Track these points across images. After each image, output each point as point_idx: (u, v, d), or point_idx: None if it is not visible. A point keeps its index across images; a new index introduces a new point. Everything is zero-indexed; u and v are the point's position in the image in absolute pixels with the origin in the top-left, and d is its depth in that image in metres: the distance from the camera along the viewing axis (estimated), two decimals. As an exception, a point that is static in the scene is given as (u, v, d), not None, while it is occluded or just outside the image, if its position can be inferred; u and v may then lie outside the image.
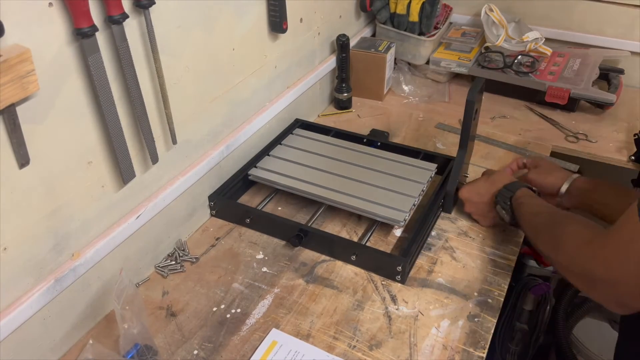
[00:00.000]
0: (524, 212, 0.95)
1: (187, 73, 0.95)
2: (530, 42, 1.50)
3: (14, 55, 0.61)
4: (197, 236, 1.07)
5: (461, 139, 1.07)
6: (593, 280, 0.73)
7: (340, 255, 0.99)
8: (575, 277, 0.78)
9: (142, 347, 0.79)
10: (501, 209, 1.00)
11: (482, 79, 1.05)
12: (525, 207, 0.95)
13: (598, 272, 0.71)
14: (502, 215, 1.00)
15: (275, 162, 1.17)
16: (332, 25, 1.41)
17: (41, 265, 0.77)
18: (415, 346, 0.84)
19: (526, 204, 0.95)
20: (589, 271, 0.73)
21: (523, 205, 0.95)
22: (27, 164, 0.70)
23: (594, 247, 0.73)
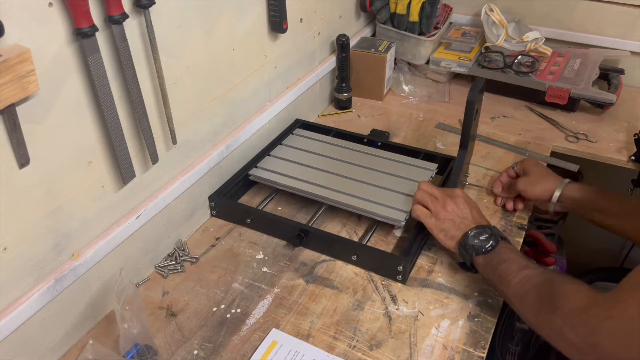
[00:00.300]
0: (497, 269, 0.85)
1: (187, 73, 0.95)
2: (530, 42, 1.50)
3: (14, 55, 0.61)
4: (197, 236, 1.07)
5: (462, 138, 1.07)
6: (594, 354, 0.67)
7: (341, 255, 0.99)
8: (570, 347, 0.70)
9: (142, 347, 0.79)
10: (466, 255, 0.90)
11: (482, 79, 1.05)
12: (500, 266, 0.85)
13: (603, 347, 0.65)
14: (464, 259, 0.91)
15: (276, 162, 1.17)
16: (332, 25, 1.41)
17: (41, 265, 0.77)
18: (415, 346, 0.84)
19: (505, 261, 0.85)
20: (592, 344, 0.67)
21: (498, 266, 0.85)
22: (27, 164, 0.70)
23: (597, 316, 0.67)
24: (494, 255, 0.87)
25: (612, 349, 0.65)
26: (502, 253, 0.86)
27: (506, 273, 0.82)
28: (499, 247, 0.87)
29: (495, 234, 0.89)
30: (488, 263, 0.87)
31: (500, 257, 0.85)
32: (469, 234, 0.90)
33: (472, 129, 1.07)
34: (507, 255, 0.85)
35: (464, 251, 0.90)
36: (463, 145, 1.08)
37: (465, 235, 0.90)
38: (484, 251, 0.87)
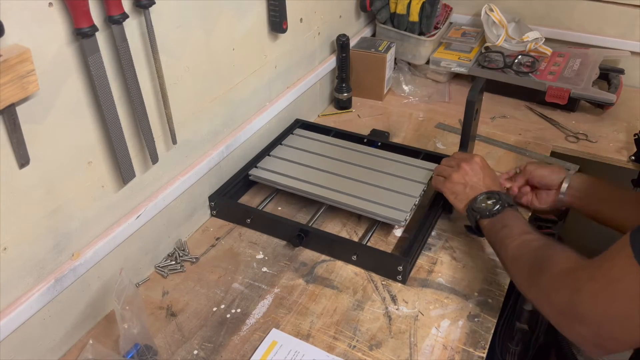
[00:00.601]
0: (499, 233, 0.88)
1: (187, 73, 0.95)
2: (530, 42, 1.50)
3: (14, 55, 0.61)
4: (197, 236, 1.07)
5: (462, 138, 1.07)
6: (574, 315, 0.67)
7: (341, 255, 0.99)
8: (553, 308, 0.71)
9: (142, 347, 0.79)
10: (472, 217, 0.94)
11: (483, 79, 1.05)
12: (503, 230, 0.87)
13: (583, 307, 0.66)
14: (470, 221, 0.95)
15: (276, 162, 1.17)
16: (332, 25, 1.41)
17: (41, 265, 0.77)
18: (415, 346, 0.84)
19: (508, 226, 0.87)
20: (572, 304, 0.67)
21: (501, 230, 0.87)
22: (27, 164, 0.70)
23: (580, 277, 0.68)
24: (498, 219, 0.89)
25: (591, 310, 0.65)
26: (506, 218, 0.89)
27: (506, 236, 0.85)
28: (504, 212, 0.89)
29: (503, 200, 0.91)
30: (492, 227, 0.89)
31: (504, 222, 0.88)
32: (478, 197, 0.93)
33: (472, 129, 1.07)
34: (510, 220, 0.88)
35: (471, 214, 0.94)
36: (463, 145, 1.08)
37: (474, 198, 0.93)
38: (488, 214, 0.90)
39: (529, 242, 0.82)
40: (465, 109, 1.02)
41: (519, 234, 0.84)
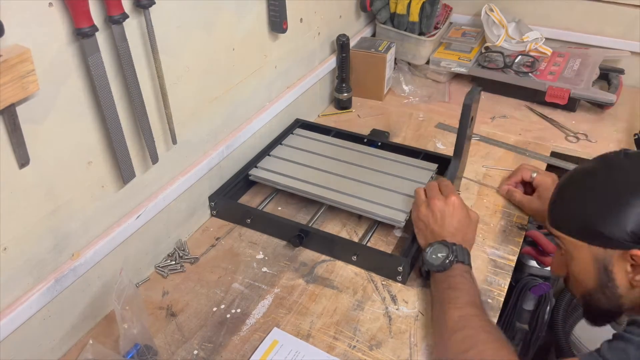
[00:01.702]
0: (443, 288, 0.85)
1: (187, 73, 0.95)
2: (530, 42, 1.50)
3: (14, 55, 0.61)
4: (197, 236, 1.07)
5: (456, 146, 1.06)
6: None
7: (341, 255, 0.99)
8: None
9: (142, 347, 0.79)
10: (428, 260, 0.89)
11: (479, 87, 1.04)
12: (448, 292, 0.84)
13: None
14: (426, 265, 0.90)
15: (276, 162, 1.17)
16: (332, 25, 1.41)
17: (41, 265, 0.77)
18: (416, 346, 0.84)
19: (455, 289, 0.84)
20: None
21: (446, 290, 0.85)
22: (27, 164, 0.70)
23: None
24: (445, 276, 0.86)
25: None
26: (455, 278, 0.85)
27: (450, 300, 0.82)
28: (453, 269, 0.86)
29: (454, 255, 0.87)
30: (439, 283, 0.86)
31: (451, 283, 0.85)
32: (430, 247, 0.90)
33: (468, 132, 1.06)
34: (459, 283, 0.84)
35: (422, 262, 0.92)
36: (457, 154, 1.07)
37: (428, 246, 0.91)
38: (434, 269, 0.88)
39: (473, 320, 0.79)
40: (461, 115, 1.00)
41: (464, 304, 0.81)
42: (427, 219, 0.94)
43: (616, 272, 0.76)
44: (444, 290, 0.85)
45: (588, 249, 0.77)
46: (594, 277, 0.78)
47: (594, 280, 0.78)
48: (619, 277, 0.76)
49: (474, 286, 0.86)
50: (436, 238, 0.91)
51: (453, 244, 0.89)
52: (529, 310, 1.39)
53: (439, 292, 0.86)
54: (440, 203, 0.94)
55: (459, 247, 0.89)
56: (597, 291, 0.79)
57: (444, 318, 0.81)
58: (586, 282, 0.80)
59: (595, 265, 0.77)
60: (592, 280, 0.79)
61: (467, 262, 0.89)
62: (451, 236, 0.91)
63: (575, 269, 0.81)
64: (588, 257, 0.78)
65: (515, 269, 1.02)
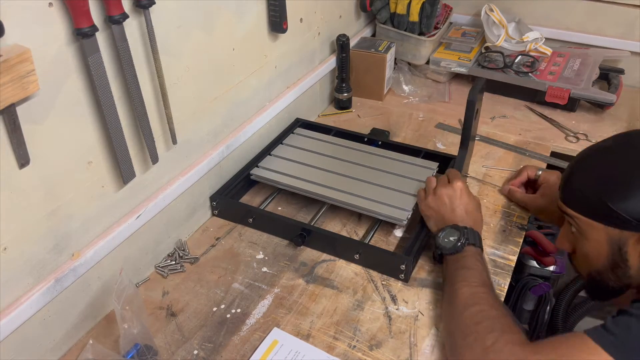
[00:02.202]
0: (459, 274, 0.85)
1: (187, 73, 0.95)
2: (530, 42, 1.50)
3: (14, 55, 0.61)
4: (197, 236, 1.07)
5: (462, 138, 1.07)
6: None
7: (344, 254, 1.00)
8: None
9: (142, 347, 0.79)
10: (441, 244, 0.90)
11: (483, 79, 1.05)
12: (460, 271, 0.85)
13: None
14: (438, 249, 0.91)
15: (277, 161, 1.17)
16: (332, 25, 1.41)
17: (41, 265, 0.77)
18: (416, 346, 0.84)
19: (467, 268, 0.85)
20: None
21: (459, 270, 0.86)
22: (27, 164, 0.70)
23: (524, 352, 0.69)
24: (457, 258, 0.88)
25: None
26: (467, 258, 0.87)
27: (462, 279, 0.83)
28: (465, 250, 0.88)
29: (466, 237, 0.89)
30: (452, 264, 0.88)
31: (464, 263, 0.86)
32: (442, 231, 0.92)
33: (472, 129, 1.07)
34: (471, 263, 0.86)
35: (435, 246, 0.93)
36: (463, 145, 1.08)
37: (439, 231, 0.92)
38: (447, 252, 0.89)
39: (484, 298, 0.80)
40: (466, 109, 1.02)
41: (476, 283, 0.82)
42: (437, 205, 0.96)
43: (630, 253, 0.75)
44: (456, 269, 0.86)
45: (604, 229, 0.76)
46: (605, 257, 0.77)
47: (605, 260, 0.78)
48: (632, 259, 0.75)
49: (485, 267, 0.87)
50: (447, 223, 0.93)
51: (464, 227, 0.91)
52: (529, 310, 1.39)
53: (450, 272, 0.87)
54: (446, 189, 0.96)
55: (470, 230, 0.90)
56: (606, 270, 0.78)
57: (455, 295, 0.82)
58: (596, 262, 0.79)
59: (609, 246, 0.76)
60: (603, 260, 0.78)
61: (479, 244, 0.90)
62: (461, 220, 0.93)
63: (587, 249, 0.80)
64: (602, 238, 0.77)
65: (515, 269, 1.02)
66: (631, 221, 0.73)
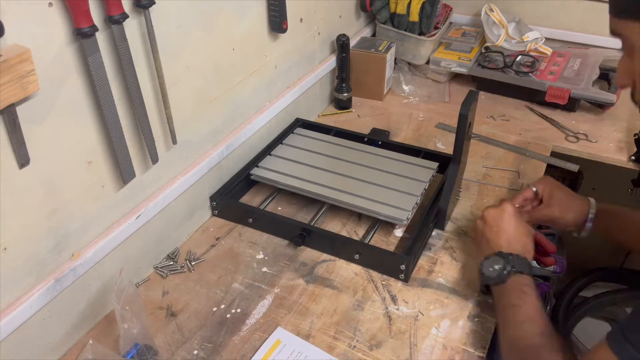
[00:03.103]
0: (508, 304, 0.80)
1: (187, 73, 0.95)
2: (530, 42, 1.50)
3: (14, 55, 0.61)
4: (197, 236, 1.07)
5: (454, 153, 1.02)
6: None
7: (344, 254, 1.00)
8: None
9: (142, 347, 0.79)
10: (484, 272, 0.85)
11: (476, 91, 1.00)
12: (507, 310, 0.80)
13: None
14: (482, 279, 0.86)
15: (277, 161, 1.17)
16: (332, 25, 1.41)
17: (41, 265, 0.77)
18: (416, 346, 0.84)
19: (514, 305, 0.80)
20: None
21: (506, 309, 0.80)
22: (27, 164, 0.70)
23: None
24: (503, 293, 0.81)
25: None
26: (512, 293, 0.80)
27: (509, 319, 0.79)
28: (510, 282, 0.81)
29: (511, 265, 0.82)
30: (498, 299, 0.83)
31: (510, 299, 0.80)
32: (487, 260, 0.85)
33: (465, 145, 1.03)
34: (517, 299, 0.79)
35: (480, 276, 0.86)
36: (455, 161, 1.03)
37: (485, 259, 0.86)
38: (492, 282, 0.83)
39: (527, 336, 0.75)
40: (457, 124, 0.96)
41: (522, 320, 0.76)
42: (483, 228, 0.90)
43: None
44: (503, 307, 0.80)
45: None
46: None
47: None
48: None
49: (534, 297, 0.79)
50: (492, 248, 0.86)
51: (509, 253, 0.83)
52: (529, 310, 1.38)
53: (499, 310, 0.82)
54: (493, 211, 0.90)
55: (515, 257, 0.83)
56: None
57: (502, 336, 0.79)
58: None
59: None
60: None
61: (527, 271, 0.82)
62: (507, 245, 0.86)
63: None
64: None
65: (516, 269, 1.02)
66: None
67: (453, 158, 1.03)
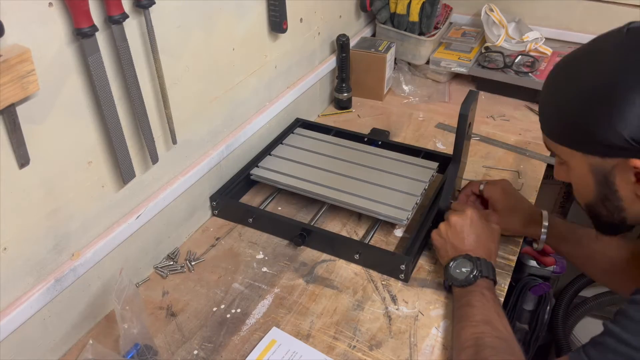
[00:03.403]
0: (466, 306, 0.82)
1: (187, 73, 0.95)
2: (530, 42, 1.50)
3: (14, 55, 0.61)
4: (197, 236, 1.07)
5: (454, 153, 1.02)
6: None
7: (344, 254, 1.00)
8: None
9: (142, 347, 0.79)
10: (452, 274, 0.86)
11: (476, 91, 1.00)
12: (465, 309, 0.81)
13: None
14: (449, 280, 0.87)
15: (277, 161, 1.17)
16: (332, 25, 1.41)
17: (41, 265, 0.77)
18: (416, 346, 0.84)
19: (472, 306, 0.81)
20: None
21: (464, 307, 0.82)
22: (27, 164, 0.70)
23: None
24: (466, 293, 0.83)
25: None
26: (474, 295, 0.82)
27: (466, 317, 0.80)
28: (476, 285, 0.83)
29: (478, 270, 0.84)
30: (458, 299, 0.84)
31: (470, 300, 0.82)
32: (453, 262, 0.87)
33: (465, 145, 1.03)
34: (477, 300, 0.81)
35: (445, 276, 0.89)
36: (455, 160, 1.03)
37: (450, 261, 0.87)
38: (458, 284, 0.85)
39: (480, 338, 0.75)
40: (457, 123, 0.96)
41: (479, 321, 0.78)
42: (446, 234, 0.91)
43: (618, 183, 0.66)
44: (461, 307, 0.82)
45: (583, 158, 0.67)
46: (593, 189, 0.69)
47: (593, 191, 0.70)
48: (621, 189, 0.66)
49: (492, 302, 0.81)
50: (458, 252, 0.88)
51: (477, 258, 0.85)
52: (529, 310, 1.39)
53: (457, 308, 0.83)
54: (456, 217, 0.91)
55: (483, 261, 0.85)
56: (597, 203, 0.71)
57: (458, 335, 0.79)
58: (586, 195, 0.72)
59: (594, 176, 0.68)
60: (591, 192, 0.70)
61: (492, 276, 0.84)
62: (473, 250, 0.87)
63: (574, 179, 0.73)
64: (585, 167, 0.68)
65: (515, 269, 1.02)
66: (609, 146, 0.63)
67: (453, 158, 1.03)
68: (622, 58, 0.62)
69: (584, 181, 0.70)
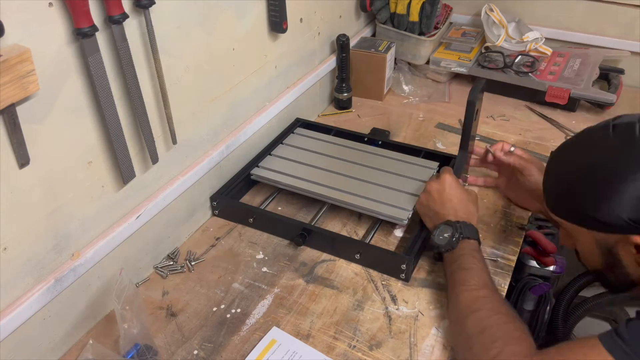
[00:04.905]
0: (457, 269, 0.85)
1: (187, 73, 0.95)
2: (530, 42, 1.50)
3: (14, 55, 0.61)
4: (197, 236, 1.07)
5: (462, 139, 1.07)
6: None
7: (344, 253, 1.00)
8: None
9: (142, 347, 0.79)
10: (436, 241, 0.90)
11: (483, 79, 1.05)
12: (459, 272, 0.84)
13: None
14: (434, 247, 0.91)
15: (277, 161, 1.17)
16: (332, 25, 1.41)
17: (41, 265, 0.77)
18: (416, 346, 0.84)
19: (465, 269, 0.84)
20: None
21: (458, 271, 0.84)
22: (27, 164, 0.70)
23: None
24: (454, 256, 0.87)
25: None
26: (463, 257, 0.85)
27: (462, 282, 0.82)
28: (460, 247, 0.87)
29: (459, 232, 0.88)
30: (449, 263, 0.87)
31: (462, 262, 0.85)
32: (437, 229, 0.91)
33: (472, 130, 1.07)
34: (468, 262, 0.84)
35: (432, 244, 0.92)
36: (463, 146, 1.07)
37: (434, 228, 0.92)
38: (444, 250, 0.89)
39: (486, 302, 0.78)
40: (466, 110, 1.02)
41: (476, 285, 0.81)
42: (427, 201, 0.96)
43: (622, 254, 0.73)
44: (454, 271, 0.85)
45: (588, 233, 0.74)
46: (599, 258, 0.76)
47: (600, 260, 0.76)
48: (625, 259, 0.73)
49: (483, 264, 0.85)
50: (440, 218, 0.92)
51: (457, 221, 0.90)
52: (529, 310, 1.39)
53: (450, 273, 0.86)
54: (434, 183, 0.96)
55: (463, 224, 0.89)
56: (605, 270, 0.77)
57: (457, 300, 0.81)
58: (593, 262, 0.78)
59: (599, 248, 0.74)
60: (598, 261, 0.76)
61: (474, 236, 0.89)
62: (454, 213, 0.92)
63: (580, 249, 0.79)
64: (590, 240, 0.75)
65: (515, 269, 1.02)
66: (609, 225, 0.70)
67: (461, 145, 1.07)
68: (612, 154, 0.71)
69: (590, 251, 0.76)
